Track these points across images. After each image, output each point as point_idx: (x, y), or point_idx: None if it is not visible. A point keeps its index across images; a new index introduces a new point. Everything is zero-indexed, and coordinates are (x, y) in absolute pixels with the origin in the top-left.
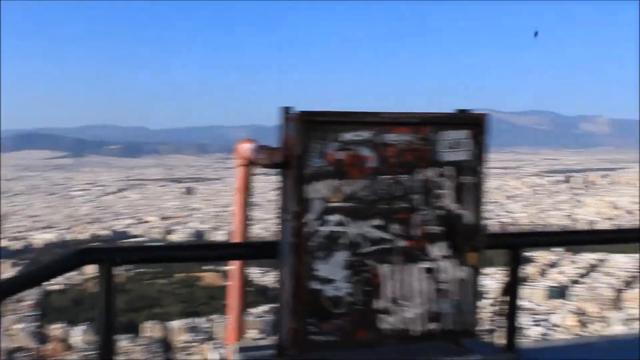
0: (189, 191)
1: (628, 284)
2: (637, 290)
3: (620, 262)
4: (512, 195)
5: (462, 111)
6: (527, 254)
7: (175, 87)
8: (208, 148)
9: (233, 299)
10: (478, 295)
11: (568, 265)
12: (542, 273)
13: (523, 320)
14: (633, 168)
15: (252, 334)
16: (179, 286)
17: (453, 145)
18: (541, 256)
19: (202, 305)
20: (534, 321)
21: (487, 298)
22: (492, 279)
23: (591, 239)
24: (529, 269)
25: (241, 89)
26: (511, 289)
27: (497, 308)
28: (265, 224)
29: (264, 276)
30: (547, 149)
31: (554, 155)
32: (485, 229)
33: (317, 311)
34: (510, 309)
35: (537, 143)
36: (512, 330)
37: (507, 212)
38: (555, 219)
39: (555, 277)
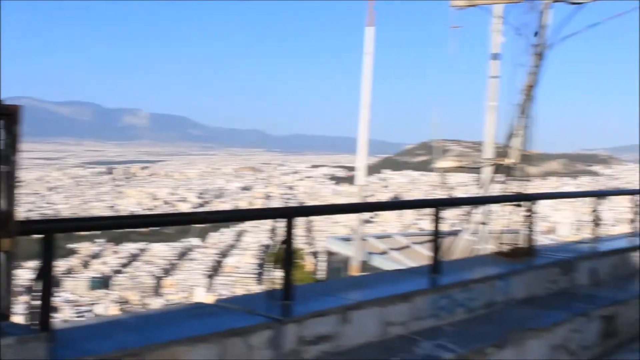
0: None
1: (167, 271)
2: (175, 276)
3: (161, 250)
4: (54, 187)
5: None
6: (70, 245)
7: None
8: None
9: None
10: (12, 279)
11: (111, 255)
12: (85, 264)
13: (67, 313)
14: (171, 161)
15: None
16: None
17: None
18: (84, 247)
19: None
20: (78, 313)
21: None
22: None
23: (118, 224)
24: (72, 261)
25: None
26: (45, 273)
27: (32, 292)
28: None
29: None
30: (90, 140)
31: (96, 147)
32: (18, 216)
33: None
34: (44, 292)
35: (80, 134)
36: (47, 311)
37: (49, 203)
38: (98, 210)
39: (98, 268)
